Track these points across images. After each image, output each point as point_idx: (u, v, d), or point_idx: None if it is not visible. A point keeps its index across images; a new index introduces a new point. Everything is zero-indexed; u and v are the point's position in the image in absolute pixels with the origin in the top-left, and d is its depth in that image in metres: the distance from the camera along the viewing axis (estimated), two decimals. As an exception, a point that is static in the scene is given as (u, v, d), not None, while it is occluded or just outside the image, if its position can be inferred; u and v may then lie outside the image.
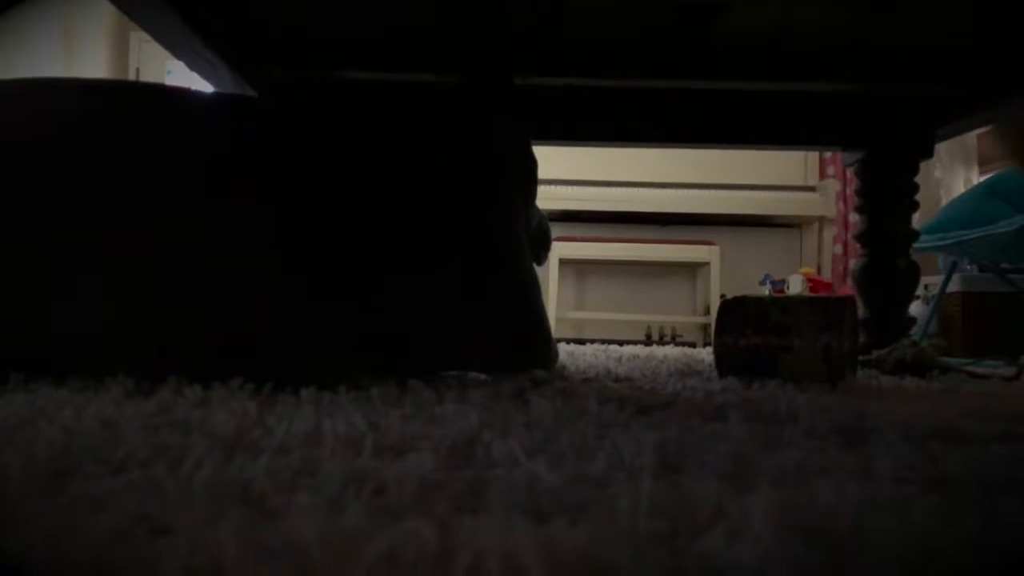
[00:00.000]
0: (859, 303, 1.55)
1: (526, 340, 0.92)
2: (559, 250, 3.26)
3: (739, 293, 1.08)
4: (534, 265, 1.01)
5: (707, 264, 3.38)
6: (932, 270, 2.57)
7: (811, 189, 3.64)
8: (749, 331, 0.98)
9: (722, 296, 1.70)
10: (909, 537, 0.28)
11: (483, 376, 0.89)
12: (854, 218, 3.74)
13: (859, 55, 1.41)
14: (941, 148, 1.89)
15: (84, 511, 0.29)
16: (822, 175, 3.80)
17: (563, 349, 1.71)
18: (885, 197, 1.60)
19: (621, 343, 2.48)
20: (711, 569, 0.23)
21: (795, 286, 3.18)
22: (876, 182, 1.60)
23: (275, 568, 0.23)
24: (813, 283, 3.21)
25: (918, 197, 1.60)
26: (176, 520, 0.28)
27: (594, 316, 3.53)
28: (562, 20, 1.27)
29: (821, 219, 3.76)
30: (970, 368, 1.34)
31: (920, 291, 2.61)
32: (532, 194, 1.04)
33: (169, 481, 0.34)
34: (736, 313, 1.00)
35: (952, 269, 2.40)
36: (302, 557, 0.24)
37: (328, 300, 0.76)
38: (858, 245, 1.63)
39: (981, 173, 3.77)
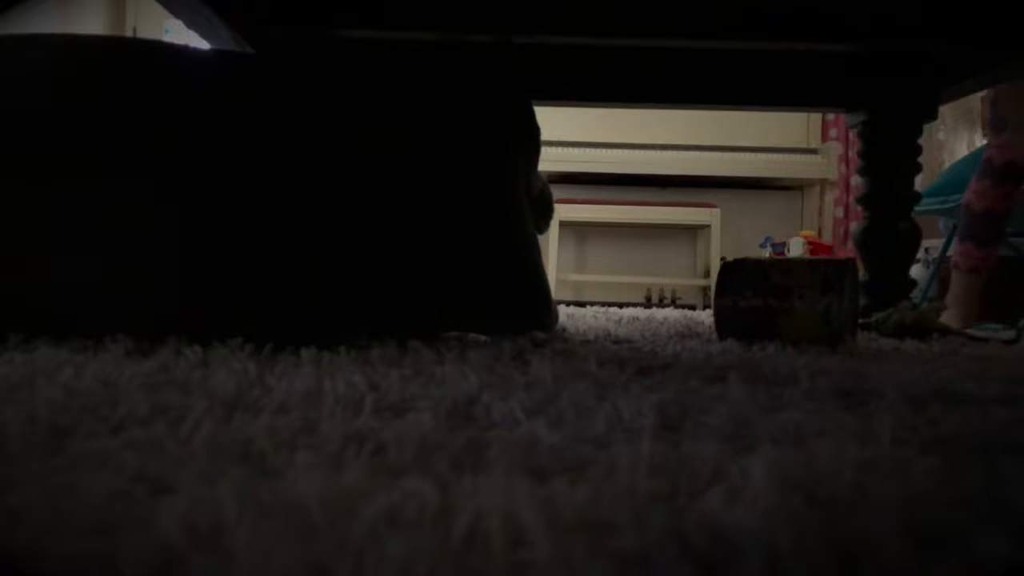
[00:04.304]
0: (860, 266, 1.55)
1: (526, 302, 0.91)
2: (559, 212, 3.24)
3: (739, 255, 1.08)
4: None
5: (707, 226, 3.37)
6: (933, 233, 2.56)
7: (813, 151, 3.61)
8: (749, 293, 0.97)
9: (722, 258, 1.69)
10: (908, 497, 0.28)
11: (483, 337, 0.89)
12: (856, 181, 3.72)
13: (862, 15, 1.39)
14: (945, 110, 1.88)
15: (84, 470, 0.29)
16: (824, 137, 3.77)
17: (563, 311, 1.71)
18: (888, 159, 1.59)
19: (621, 305, 2.48)
20: (711, 529, 0.23)
21: (796, 249, 3.17)
22: (879, 144, 1.59)
23: (274, 526, 0.23)
24: (814, 246, 3.21)
25: (921, 160, 1.59)
26: (176, 479, 0.28)
27: (594, 279, 3.53)
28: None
29: (823, 182, 3.74)
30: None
31: (921, 254, 2.61)
32: (534, 160, 1.03)
33: (169, 440, 0.34)
34: (736, 275, 1.00)
35: (953, 232, 2.39)
36: (302, 516, 0.24)
37: (327, 260, 0.76)
38: (859, 208, 1.63)
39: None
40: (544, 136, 1.04)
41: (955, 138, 3.86)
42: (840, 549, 0.22)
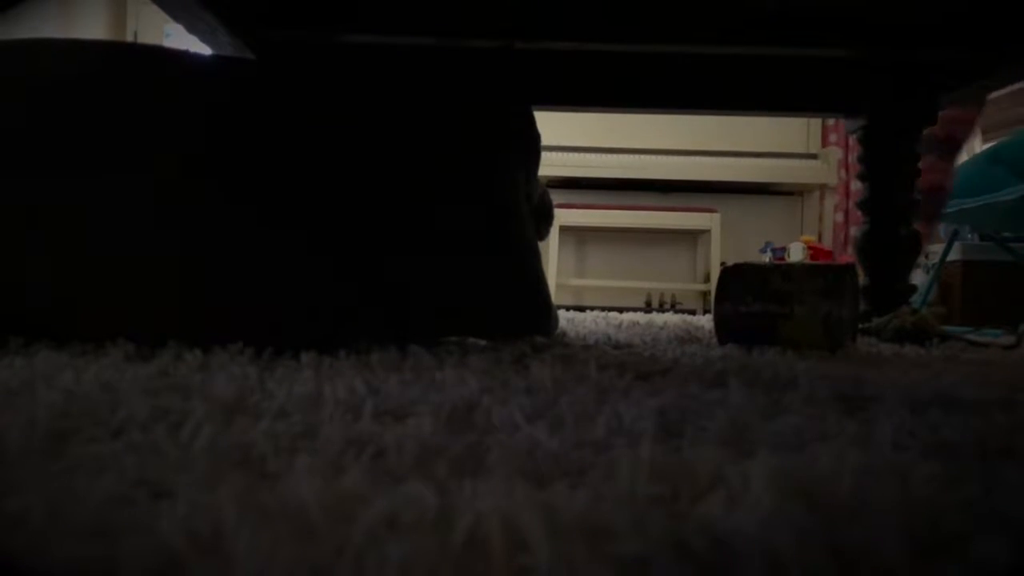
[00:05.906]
0: (860, 271, 1.55)
1: (526, 306, 0.91)
2: (559, 217, 3.23)
3: (739, 260, 1.08)
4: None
5: (708, 231, 3.37)
6: (933, 238, 2.56)
7: (813, 157, 3.61)
8: (749, 298, 0.97)
9: (722, 263, 1.70)
10: (909, 503, 0.28)
11: (483, 342, 0.89)
12: (856, 186, 3.72)
13: (861, 20, 1.39)
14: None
15: (83, 474, 0.29)
16: (824, 143, 3.78)
17: (563, 316, 1.71)
18: (887, 165, 1.59)
19: (621, 310, 2.48)
20: (711, 534, 0.23)
21: (796, 254, 3.18)
22: (879, 149, 1.59)
23: (275, 531, 0.23)
24: (814, 251, 3.21)
25: (921, 165, 1.60)
26: (176, 483, 0.28)
27: (594, 283, 3.53)
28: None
29: (823, 187, 3.75)
30: (970, 336, 1.34)
31: (920, 259, 2.61)
32: (534, 166, 1.03)
33: (169, 444, 0.34)
34: (736, 280, 1.00)
35: (953, 238, 2.39)
36: (302, 520, 0.24)
37: (327, 264, 0.76)
38: (860, 213, 1.63)
39: (984, 141, 3.74)
40: (544, 141, 1.04)
41: (955, 143, 3.86)
42: (840, 555, 0.22)
